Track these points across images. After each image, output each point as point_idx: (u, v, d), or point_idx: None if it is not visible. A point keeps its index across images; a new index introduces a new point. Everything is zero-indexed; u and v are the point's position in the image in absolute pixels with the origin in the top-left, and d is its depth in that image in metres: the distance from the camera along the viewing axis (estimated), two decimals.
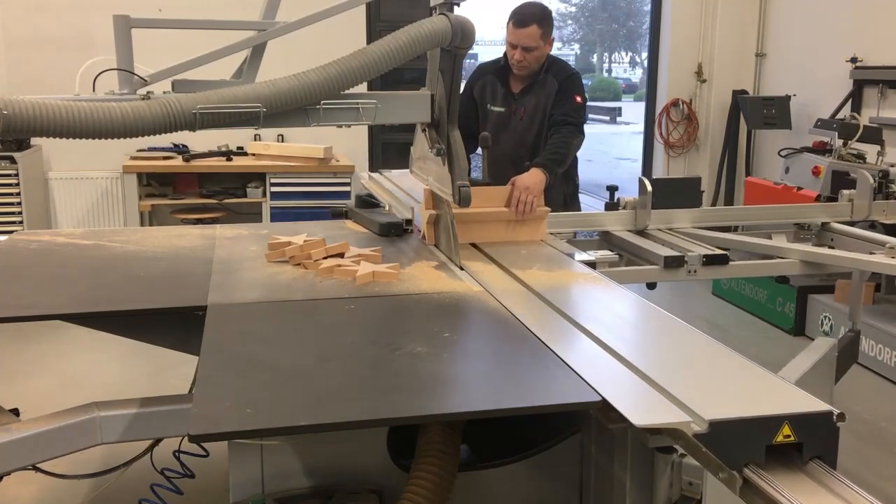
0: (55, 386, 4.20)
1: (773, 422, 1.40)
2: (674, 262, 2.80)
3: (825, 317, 5.03)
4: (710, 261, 2.83)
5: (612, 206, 3.33)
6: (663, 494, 1.66)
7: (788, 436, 1.40)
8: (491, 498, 1.95)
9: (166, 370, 4.02)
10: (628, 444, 1.71)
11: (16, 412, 2.10)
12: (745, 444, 1.38)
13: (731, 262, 2.89)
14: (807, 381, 2.52)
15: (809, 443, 1.41)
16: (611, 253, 2.85)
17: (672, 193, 3.25)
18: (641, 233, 3.15)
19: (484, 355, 1.84)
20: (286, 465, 1.81)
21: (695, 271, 2.83)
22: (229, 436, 1.47)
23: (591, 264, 2.61)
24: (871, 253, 3.05)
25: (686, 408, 1.45)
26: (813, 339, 5.02)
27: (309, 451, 1.82)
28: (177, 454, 2.43)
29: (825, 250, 3.18)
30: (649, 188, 3.15)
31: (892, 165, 5.01)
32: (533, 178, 2.91)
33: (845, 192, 3.57)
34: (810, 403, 1.47)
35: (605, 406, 1.49)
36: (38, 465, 2.11)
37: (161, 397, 2.07)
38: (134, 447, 2.37)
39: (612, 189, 3.59)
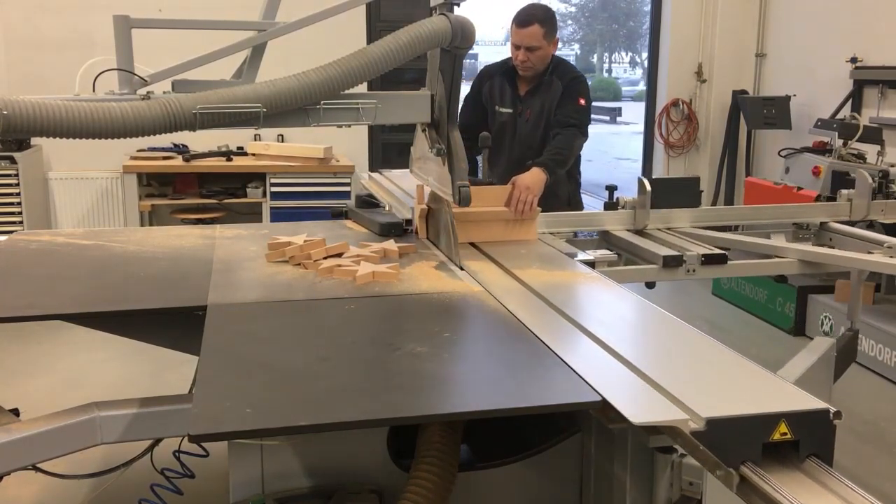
0: (55, 386, 4.20)
1: (770, 419, 1.40)
2: (673, 262, 2.80)
3: (825, 317, 5.03)
4: (708, 260, 2.84)
5: (611, 205, 3.32)
6: (663, 494, 1.66)
7: (785, 433, 1.40)
8: (491, 498, 1.95)
9: (166, 370, 4.01)
10: (628, 444, 1.71)
11: (16, 412, 2.10)
12: (742, 442, 1.38)
13: (729, 262, 2.89)
14: (805, 381, 2.52)
15: (806, 440, 1.40)
16: (610, 252, 2.85)
17: (671, 193, 3.26)
18: (640, 232, 3.15)
19: (484, 355, 1.83)
20: (286, 465, 1.81)
21: (693, 271, 2.83)
22: (229, 436, 1.47)
23: (591, 264, 2.62)
24: (869, 252, 3.05)
25: (684, 405, 1.45)
26: (813, 339, 5.08)
27: (309, 451, 1.82)
28: (177, 454, 2.43)
29: (824, 249, 3.18)
30: (648, 188, 3.16)
31: (892, 165, 5.01)
32: (534, 178, 2.91)
33: (844, 191, 3.58)
34: (807, 401, 1.47)
35: (605, 406, 1.48)
36: (38, 465, 2.11)
37: (161, 397, 2.07)
38: (134, 447, 2.37)
39: (611, 189, 3.56)
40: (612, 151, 18.54)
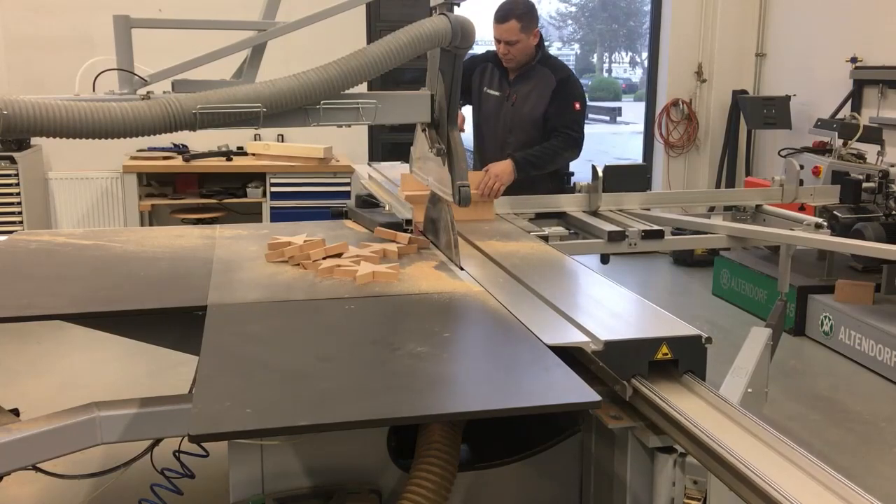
0: (55, 386, 4.20)
1: (655, 342, 1.74)
2: (617, 236, 3.16)
3: (825, 317, 5.03)
4: (647, 235, 3.19)
5: (569, 189, 3.79)
6: (664, 494, 1.67)
7: (666, 354, 1.74)
8: (491, 498, 1.95)
9: (166, 370, 4.02)
10: (628, 444, 1.71)
11: (16, 412, 2.10)
12: (632, 360, 1.72)
13: (666, 237, 3.26)
14: (755, 370, 2.86)
15: (683, 359, 1.75)
16: (561, 228, 3.29)
17: (622, 179, 3.65)
18: (595, 213, 3.50)
19: (484, 355, 1.84)
20: (286, 465, 1.81)
21: (635, 244, 3.18)
22: (229, 436, 1.47)
23: (544, 238, 3.02)
24: (791, 229, 3.41)
25: (588, 332, 1.80)
26: (813, 339, 5.08)
27: (309, 451, 1.82)
28: (177, 454, 2.43)
29: (750, 226, 3.58)
30: (600, 174, 3.52)
31: (892, 165, 5.01)
32: (504, 169, 3.31)
33: (776, 177, 3.92)
34: (684, 329, 1.82)
35: None
36: (38, 465, 2.11)
37: (161, 397, 2.07)
38: (134, 447, 2.37)
39: (569, 175, 3.97)
40: (613, 151, 18.54)
